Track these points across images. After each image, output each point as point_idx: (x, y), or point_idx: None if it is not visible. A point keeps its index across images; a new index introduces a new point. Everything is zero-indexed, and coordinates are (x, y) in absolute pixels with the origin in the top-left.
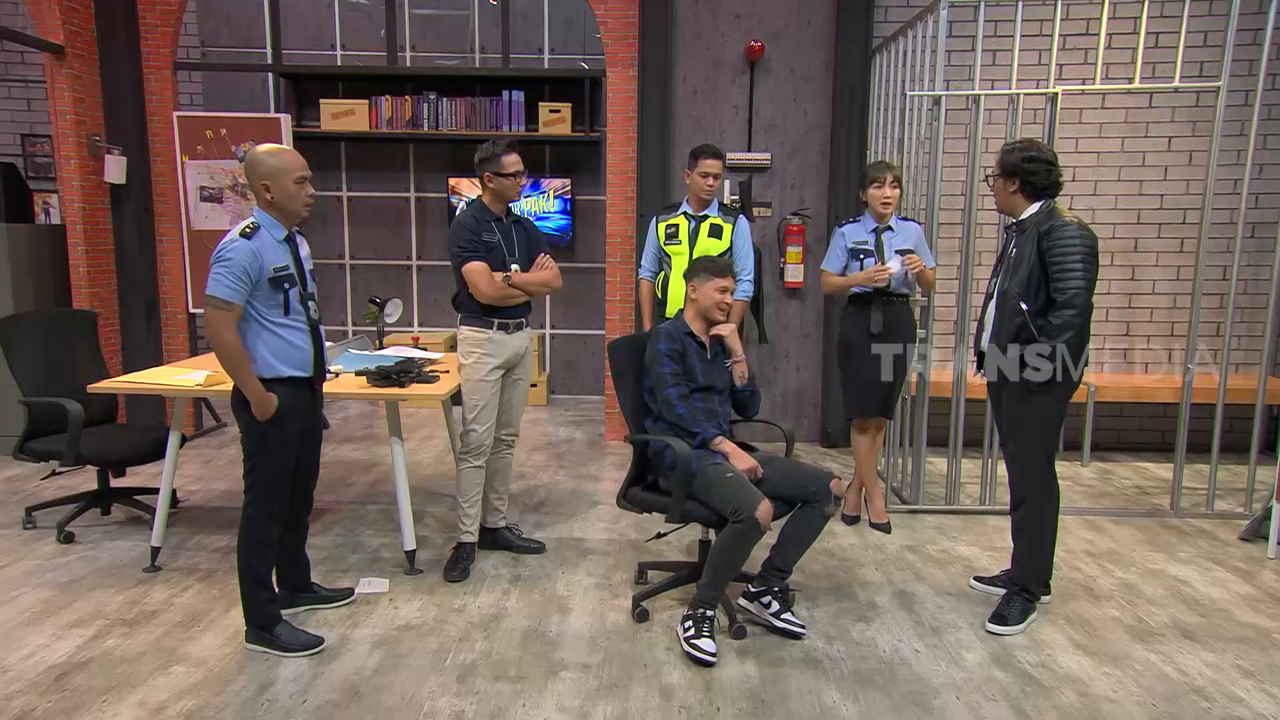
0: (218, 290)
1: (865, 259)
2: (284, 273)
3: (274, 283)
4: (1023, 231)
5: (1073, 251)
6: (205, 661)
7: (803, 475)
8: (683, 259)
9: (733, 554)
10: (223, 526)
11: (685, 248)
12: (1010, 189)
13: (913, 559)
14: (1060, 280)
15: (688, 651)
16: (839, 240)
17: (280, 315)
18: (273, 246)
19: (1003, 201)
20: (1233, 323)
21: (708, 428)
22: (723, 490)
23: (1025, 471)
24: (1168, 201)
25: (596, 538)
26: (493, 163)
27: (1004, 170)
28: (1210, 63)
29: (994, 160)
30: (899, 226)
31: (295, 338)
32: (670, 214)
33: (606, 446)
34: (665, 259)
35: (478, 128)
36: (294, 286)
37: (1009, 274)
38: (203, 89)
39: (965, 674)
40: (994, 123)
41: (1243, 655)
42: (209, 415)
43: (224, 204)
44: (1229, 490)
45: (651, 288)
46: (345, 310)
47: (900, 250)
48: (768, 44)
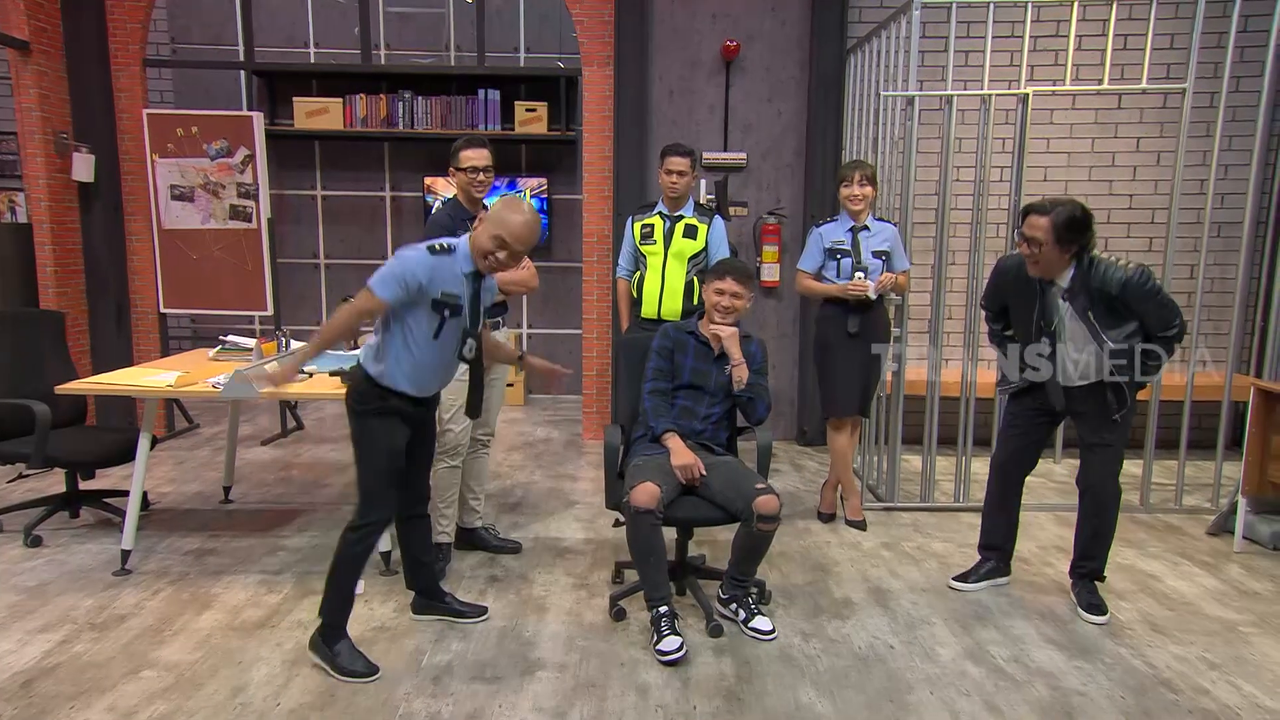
0: (375, 280)
1: (842, 259)
2: (451, 300)
3: (436, 305)
4: (1076, 297)
5: (1156, 289)
6: (176, 666)
7: (736, 490)
8: (658, 259)
9: (632, 540)
10: (195, 529)
11: (660, 248)
12: (1067, 255)
13: (888, 556)
14: (1160, 319)
15: (656, 657)
16: (815, 240)
17: (429, 338)
18: (455, 274)
19: (1049, 268)
20: (1199, 321)
21: (662, 423)
22: (628, 477)
23: (1114, 485)
24: (1137, 201)
25: (574, 537)
26: (454, 157)
27: (1060, 239)
28: (1177, 65)
29: (1035, 225)
30: (875, 227)
31: (433, 364)
32: (646, 214)
33: (584, 446)
34: (641, 258)
35: (453, 126)
36: (454, 317)
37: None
38: (173, 86)
39: (939, 669)
40: (966, 123)
41: (1209, 648)
42: (181, 417)
43: (195, 202)
44: (1197, 486)
45: (628, 286)
46: (320, 310)
47: (876, 252)
48: (743, 44)
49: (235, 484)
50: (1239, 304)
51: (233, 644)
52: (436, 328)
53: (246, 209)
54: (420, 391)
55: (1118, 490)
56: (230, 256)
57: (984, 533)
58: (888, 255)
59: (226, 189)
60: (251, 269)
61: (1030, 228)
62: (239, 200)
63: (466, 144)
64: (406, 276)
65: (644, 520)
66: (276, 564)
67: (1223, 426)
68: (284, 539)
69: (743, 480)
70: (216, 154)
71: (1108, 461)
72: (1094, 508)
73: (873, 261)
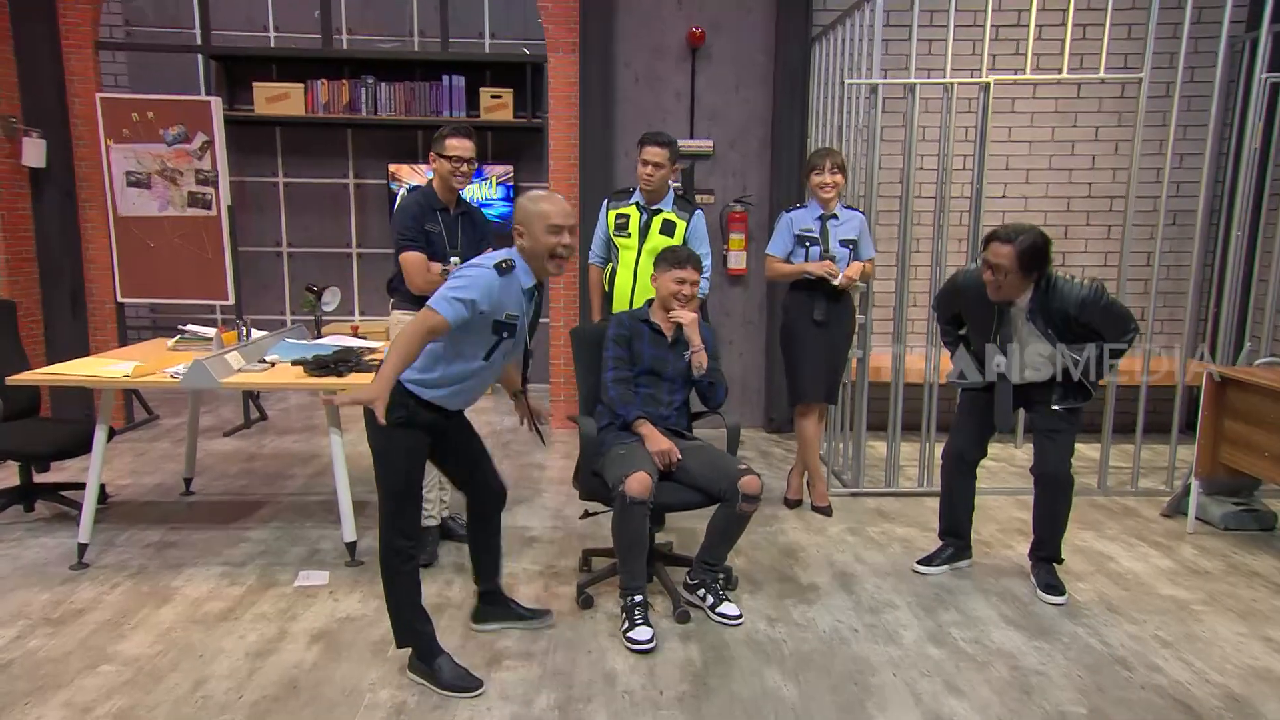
0: (438, 303)
1: (810, 247)
2: (512, 321)
3: (496, 327)
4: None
5: (1110, 304)
6: (136, 660)
7: (717, 471)
8: (631, 254)
9: (621, 530)
10: (155, 521)
11: (634, 241)
12: (1030, 280)
13: (853, 541)
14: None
15: (626, 645)
16: (785, 225)
17: (480, 358)
18: (516, 293)
19: (1010, 294)
20: (1155, 307)
21: (632, 410)
22: (611, 467)
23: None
24: (1095, 190)
25: (541, 525)
26: (438, 143)
27: (1024, 267)
28: (1134, 55)
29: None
30: (844, 215)
31: (477, 384)
32: (622, 202)
33: (552, 435)
34: (613, 249)
35: (418, 113)
36: (510, 338)
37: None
38: (128, 70)
39: (902, 652)
40: (930, 111)
41: (1162, 626)
42: (140, 408)
43: (152, 189)
44: (1152, 469)
45: (600, 275)
46: (283, 299)
47: (844, 241)
48: (709, 31)
49: (196, 476)
50: (1193, 290)
51: (194, 637)
52: (490, 348)
53: (206, 196)
54: (456, 407)
55: (1071, 476)
56: (189, 245)
57: (942, 519)
58: (855, 244)
59: (185, 176)
60: (212, 257)
61: (994, 255)
62: (198, 187)
63: (453, 132)
64: (476, 299)
65: (639, 510)
66: (239, 556)
67: (1177, 409)
68: (247, 530)
69: (723, 461)
70: (174, 140)
71: (1060, 449)
72: (1049, 493)
73: (840, 250)
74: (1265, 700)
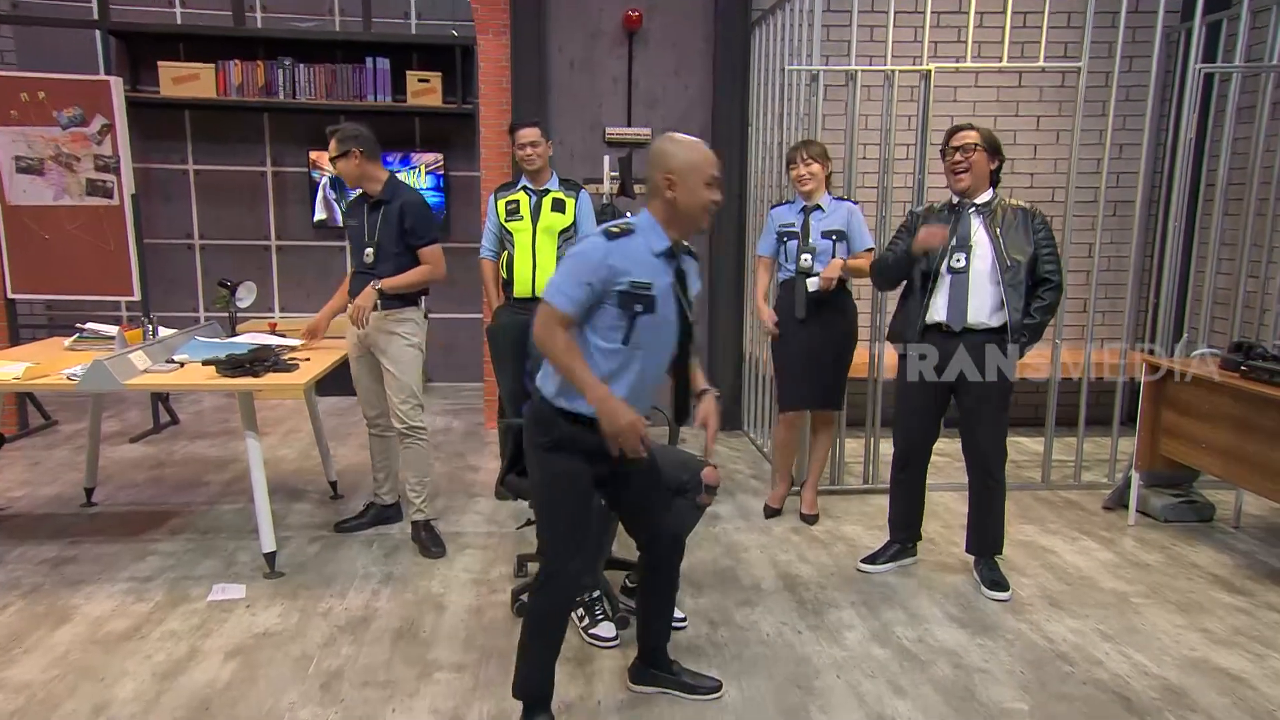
0: (550, 293)
1: (788, 242)
2: (643, 291)
3: (624, 300)
4: (989, 211)
5: (1052, 238)
6: (28, 686)
7: (676, 463)
8: (526, 235)
9: None
10: (51, 535)
11: (528, 224)
12: (991, 166)
13: (797, 540)
14: (1048, 263)
15: (588, 642)
16: (770, 223)
17: (619, 345)
18: (643, 258)
19: (978, 174)
20: (1096, 299)
21: None
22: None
23: (1001, 451)
24: (1037, 180)
25: (474, 530)
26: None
27: (990, 146)
28: (1074, 44)
29: (966, 136)
30: (831, 206)
31: (630, 379)
32: (509, 190)
33: (485, 436)
34: (507, 236)
35: (340, 97)
36: (649, 313)
37: (1000, 252)
38: (15, 45)
39: (846, 653)
40: (871, 99)
41: (1103, 620)
42: (36, 413)
43: (45, 175)
44: (1095, 462)
45: (494, 267)
46: (195, 295)
47: (826, 233)
48: (646, 14)
49: (99, 485)
50: (1133, 281)
51: (95, 659)
52: (626, 330)
53: (106, 184)
54: None
55: (1004, 457)
56: (89, 236)
57: (892, 514)
58: (841, 235)
59: (82, 161)
60: (115, 249)
61: (960, 138)
62: (97, 174)
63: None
64: (585, 274)
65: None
66: (146, 570)
67: (1118, 402)
68: (155, 543)
69: (680, 454)
70: (69, 123)
71: (996, 429)
72: (982, 478)
73: (821, 242)
74: (1203, 691)
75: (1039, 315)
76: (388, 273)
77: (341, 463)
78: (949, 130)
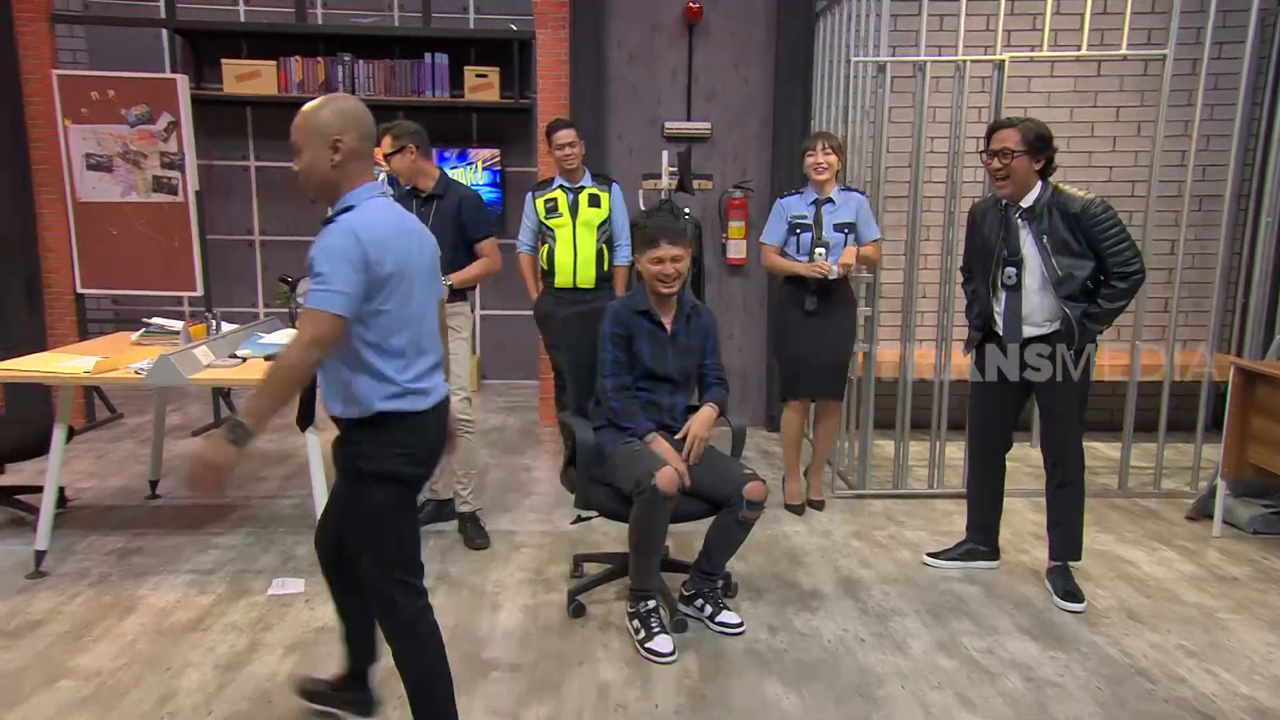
0: None
1: (801, 234)
2: None
3: None
4: (1036, 218)
5: (1116, 225)
6: (97, 674)
7: (720, 476)
8: (567, 230)
9: (643, 530)
10: (118, 526)
11: (568, 219)
12: (1036, 166)
13: (859, 545)
14: (1116, 255)
15: (644, 656)
16: (779, 212)
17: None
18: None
19: (1020, 181)
20: (1179, 298)
21: (641, 423)
22: (626, 467)
23: (1075, 452)
24: (1116, 174)
25: (530, 530)
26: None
27: (1031, 147)
28: (1158, 30)
29: (1005, 138)
30: (841, 198)
31: None
32: (546, 189)
33: (540, 434)
34: (548, 232)
35: (398, 93)
36: None
37: (1048, 263)
38: (87, 45)
39: (911, 662)
40: (941, 91)
41: (1186, 635)
42: (102, 406)
43: (114, 173)
44: (1176, 469)
45: (532, 260)
46: (255, 291)
47: (838, 225)
48: (706, 6)
49: (163, 478)
50: (1220, 280)
51: (160, 650)
52: None
53: (171, 180)
54: None
55: (1081, 457)
56: (155, 232)
57: (967, 514)
58: (852, 227)
59: (149, 159)
60: (179, 246)
61: (999, 140)
62: (163, 171)
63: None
64: None
65: (667, 506)
66: (208, 562)
67: (1202, 407)
68: (216, 536)
69: (727, 466)
70: (136, 120)
71: (1069, 428)
72: (1057, 479)
73: (834, 235)
74: None
75: (1103, 304)
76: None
77: None
78: (989, 128)
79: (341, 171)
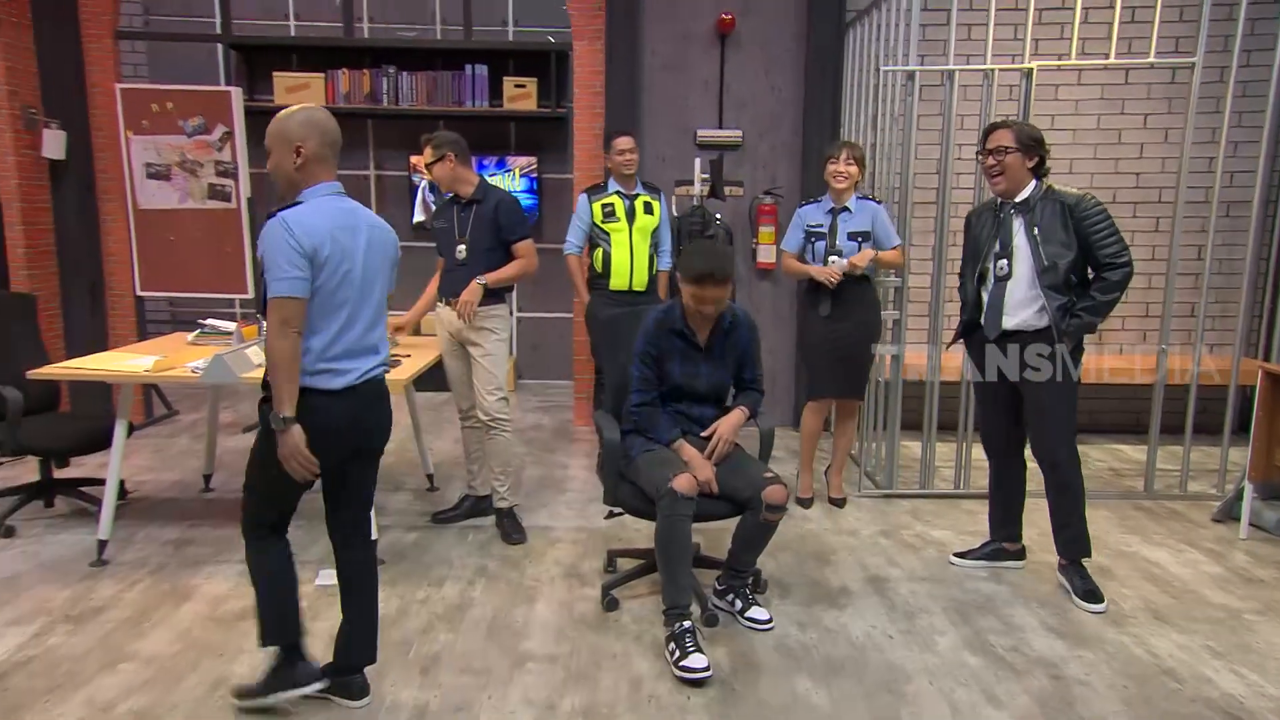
0: None
1: (816, 242)
2: None
3: None
4: (1029, 210)
5: (1108, 219)
6: (156, 659)
7: (742, 478)
8: (624, 235)
9: (667, 543)
10: (174, 518)
11: (624, 224)
12: (1029, 164)
13: (886, 544)
14: (1106, 248)
15: (679, 676)
16: (797, 220)
17: None
18: None
19: (1014, 178)
20: (1206, 303)
21: (665, 431)
22: (647, 471)
23: (1067, 451)
24: (1144, 180)
25: (565, 526)
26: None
27: (1024, 145)
28: (1186, 38)
29: (1000, 137)
30: (857, 207)
31: None
32: (602, 194)
33: (575, 433)
34: (603, 236)
35: (439, 103)
36: None
37: (1036, 251)
38: (147, 60)
39: (938, 659)
40: (969, 99)
41: (1213, 636)
42: (159, 403)
43: (172, 181)
44: (1202, 472)
45: (578, 261)
46: None
47: (853, 234)
48: (739, 17)
49: (216, 472)
50: (1247, 285)
51: (214, 636)
52: None
53: (225, 188)
54: None
55: (1074, 457)
56: (209, 238)
57: (989, 513)
58: (867, 236)
59: (204, 167)
60: (231, 251)
61: (994, 140)
62: (218, 179)
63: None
64: None
65: (688, 507)
66: None
67: (1230, 410)
68: None
69: (749, 468)
70: (193, 131)
71: (1057, 428)
72: (1055, 478)
73: (848, 244)
74: None
75: (1097, 295)
76: (480, 269)
77: (437, 455)
78: (984, 129)
79: (303, 173)
